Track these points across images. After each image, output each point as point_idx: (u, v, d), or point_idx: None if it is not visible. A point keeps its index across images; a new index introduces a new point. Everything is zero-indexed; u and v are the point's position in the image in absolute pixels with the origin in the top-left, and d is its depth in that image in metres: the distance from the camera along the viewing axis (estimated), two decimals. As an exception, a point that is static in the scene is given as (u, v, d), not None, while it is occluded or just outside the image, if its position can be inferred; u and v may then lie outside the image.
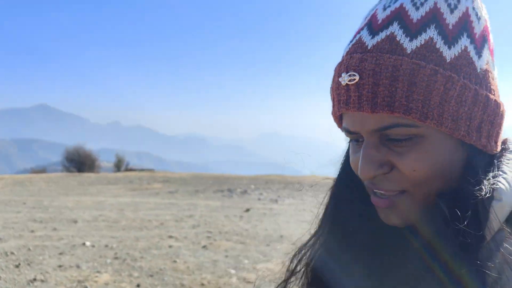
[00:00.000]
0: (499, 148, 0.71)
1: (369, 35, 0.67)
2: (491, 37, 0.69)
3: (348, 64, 0.67)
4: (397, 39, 0.64)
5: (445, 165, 0.65)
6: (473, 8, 0.67)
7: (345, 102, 0.67)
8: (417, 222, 0.67)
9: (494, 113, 0.68)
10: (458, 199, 0.64)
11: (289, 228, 8.19)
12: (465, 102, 0.64)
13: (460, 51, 0.64)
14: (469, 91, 0.64)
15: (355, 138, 0.71)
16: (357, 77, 0.65)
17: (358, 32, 0.70)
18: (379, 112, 0.63)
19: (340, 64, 0.70)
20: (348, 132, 0.71)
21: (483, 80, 0.67)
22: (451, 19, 0.64)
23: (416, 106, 0.62)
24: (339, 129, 0.76)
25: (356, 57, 0.66)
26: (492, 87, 0.68)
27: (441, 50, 0.63)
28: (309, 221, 0.87)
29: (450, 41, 0.64)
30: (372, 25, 0.68)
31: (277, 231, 8.03)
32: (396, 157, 0.65)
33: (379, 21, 0.67)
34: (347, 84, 0.66)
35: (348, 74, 0.66)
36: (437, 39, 0.63)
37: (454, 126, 0.64)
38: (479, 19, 0.67)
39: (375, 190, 0.69)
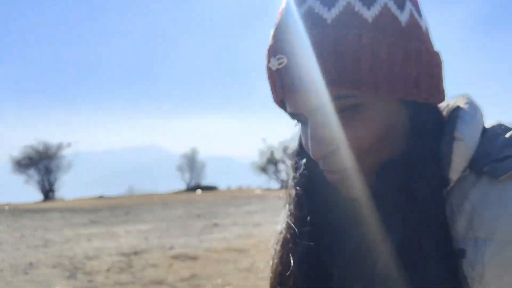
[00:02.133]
0: (445, 99, 0.70)
1: (287, 9, 0.67)
2: None
3: (274, 47, 0.67)
4: (316, 11, 0.64)
5: (391, 128, 0.66)
6: None
7: (280, 87, 0.67)
8: (372, 191, 0.67)
9: (429, 65, 0.67)
10: (410, 158, 0.65)
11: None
12: (396, 61, 0.63)
13: (380, 9, 0.64)
14: (398, 49, 0.64)
15: (300, 119, 0.71)
16: (285, 59, 0.65)
17: (279, 14, 0.70)
18: (311, 88, 0.64)
19: (268, 50, 0.69)
20: (292, 115, 0.71)
21: (410, 33, 0.66)
22: None
23: (348, 76, 0.62)
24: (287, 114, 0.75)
25: (281, 37, 0.66)
26: (422, 38, 0.67)
27: (360, 12, 0.63)
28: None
29: (369, 2, 0.63)
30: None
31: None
32: (340, 131, 0.66)
33: None
34: (277, 68, 0.66)
35: (276, 58, 0.66)
36: (355, 3, 0.63)
37: (390, 88, 0.63)
38: None
39: (326, 170, 0.70)
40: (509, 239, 0.58)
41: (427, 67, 0.66)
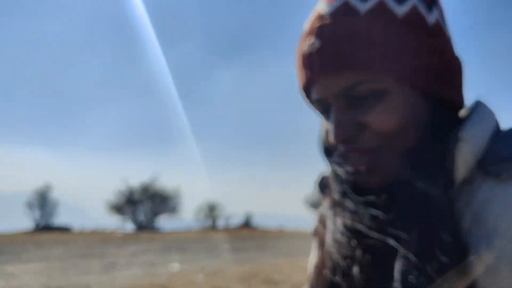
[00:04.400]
0: (463, 103, 0.74)
1: (325, 4, 0.71)
2: (439, 0, 0.75)
3: (308, 33, 0.71)
4: (351, 4, 0.68)
5: (413, 118, 0.68)
6: None
7: (310, 70, 0.70)
8: (395, 177, 0.67)
9: (451, 65, 0.71)
10: (423, 150, 0.67)
11: None
12: (420, 53, 0.68)
13: (410, 8, 0.68)
14: (423, 43, 0.68)
15: (324, 107, 0.73)
16: (318, 44, 0.68)
17: (314, 9, 0.75)
18: (342, 70, 0.66)
19: (301, 37, 0.74)
20: (317, 102, 0.73)
21: (435, 34, 0.70)
22: None
23: (375, 61, 0.66)
24: (310, 105, 0.77)
25: (315, 25, 0.70)
26: (446, 41, 0.72)
27: (391, 8, 0.67)
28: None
29: (400, 1, 0.68)
30: None
31: None
32: (364, 115, 0.68)
33: None
34: (310, 52, 0.70)
35: (309, 42, 0.70)
36: (387, 0, 0.68)
37: (413, 78, 0.67)
38: None
39: (349, 154, 0.70)
40: (510, 237, 0.60)
41: (448, 66, 0.70)
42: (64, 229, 24.57)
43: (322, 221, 0.81)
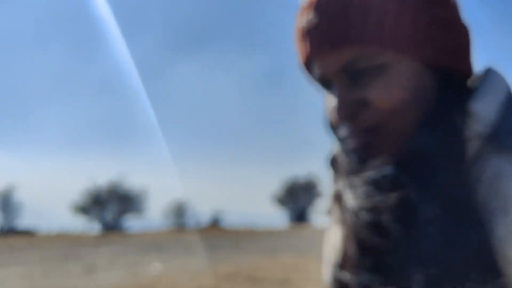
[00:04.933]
0: (472, 72, 0.71)
1: None
2: None
3: (306, 7, 0.70)
4: None
5: (417, 92, 0.66)
6: None
7: (308, 46, 0.69)
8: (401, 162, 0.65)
9: (456, 33, 0.68)
10: (433, 125, 0.65)
11: None
12: (421, 23, 0.65)
13: None
14: (425, 13, 0.65)
15: (326, 84, 0.71)
16: (315, 19, 0.67)
17: None
18: (339, 46, 0.65)
19: (299, 10, 0.72)
20: (317, 79, 0.71)
21: (438, 3, 0.67)
22: None
23: (374, 34, 0.64)
24: (313, 82, 0.76)
25: (311, 1, 0.69)
26: (450, 8, 0.69)
27: None
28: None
29: None
30: None
31: None
32: (366, 91, 0.66)
33: None
34: (308, 28, 0.68)
35: (307, 18, 0.68)
36: None
37: (415, 49, 0.65)
38: None
39: (352, 131, 0.69)
40: None
41: (453, 35, 0.68)
42: (29, 232, 24.00)
43: (338, 199, 0.80)
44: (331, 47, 0.66)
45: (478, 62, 0.73)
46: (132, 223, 28.22)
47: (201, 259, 11.83)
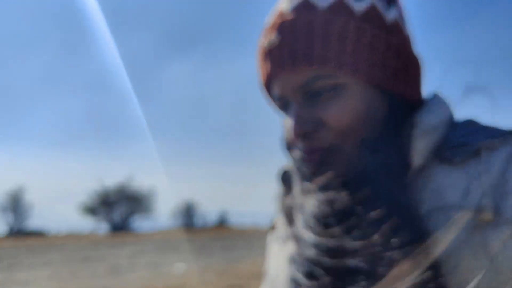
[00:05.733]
0: (421, 98, 0.75)
1: (287, 1, 0.72)
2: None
3: (269, 29, 0.72)
4: (310, 1, 0.69)
5: (369, 113, 0.69)
6: None
7: (270, 65, 0.71)
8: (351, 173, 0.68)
9: (408, 62, 0.72)
10: (380, 141, 0.68)
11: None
12: (377, 49, 0.69)
13: (368, 5, 0.70)
14: (381, 40, 0.69)
15: (284, 103, 0.73)
16: (278, 39, 0.69)
17: (276, 5, 0.76)
18: (299, 66, 0.68)
19: (262, 33, 0.74)
20: (277, 98, 0.73)
21: (393, 32, 0.71)
22: None
23: (332, 56, 0.67)
24: (271, 102, 0.79)
25: (276, 21, 0.71)
26: (404, 40, 0.73)
27: (350, 5, 0.69)
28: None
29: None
30: None
31: None
32: (321, 111, 0.69)
33: None
34: (269, 48, 0.71)
35: (271, 38, 0.70)
36: None
37: (369, 73, 0.68)
38: None
39: (306, 149, 0.71)
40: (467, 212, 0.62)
41: (405, 64, 0.72)
42: (39, 233, 24.10)
43: (287, 214, 0.82)
44: (292, 65, 0.68)
45: (427, 88, 0.77)
46: (140, 223, 28.29)
47: (218, 258, 11.90)
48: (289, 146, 0.78)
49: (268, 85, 0.76)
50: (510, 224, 0.61)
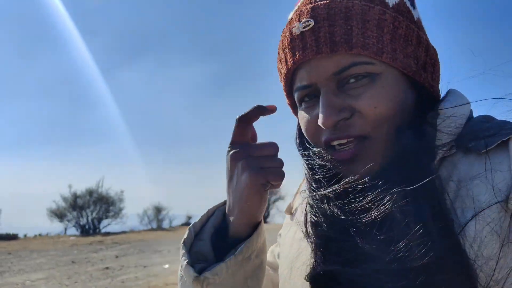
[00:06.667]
0: (439, 92, 0.75)
1: None
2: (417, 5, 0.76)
3: (300, 14, 0.69)
4: None
5: (401, 103, 0.68)
6: None
7: (302, 49, 0.68)
8: (380, 168, 0.67)
9: (434, 57, 0.73)
10: (412, 131, 0.66)
11: None
12: (411, 41, 0.69)
13: (399, 0, 0.70)
14: (413, 32, 0.70)
15: (309, 93, 0.71)
16: (312, 23, 0.67)
17: None
18: (338, 50, 0.66)
19: (291, 19, 0.72)
20: (303, 88, 0.70)
21: (421, 28, 0.73)
22: None
23: (372, 42, 0.66)
24: (289, 95, 0.77)
25: (307, 7, 0.69)
26: (425, 34, 0.74)
27: None
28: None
29: None
30: None
31: None
32: (354, 100, 0.67)
33: None
34: (302, 31, 0.68)
35: (302, 22, 0.68)
36: None
37: (405, 63, 0.68)
38: None
39: (336, 142, 0.69)
40: (492, 205, 0.60)
41: (432, 58, 0.73)
42: (12, 237, 23.73)
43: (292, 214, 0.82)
44: (330, 49, 0.66)
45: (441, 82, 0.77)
46: (109, 226, 28.25)
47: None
48: (303, 144, 0.78)
49: (291, 75, 0.74)
50: None
